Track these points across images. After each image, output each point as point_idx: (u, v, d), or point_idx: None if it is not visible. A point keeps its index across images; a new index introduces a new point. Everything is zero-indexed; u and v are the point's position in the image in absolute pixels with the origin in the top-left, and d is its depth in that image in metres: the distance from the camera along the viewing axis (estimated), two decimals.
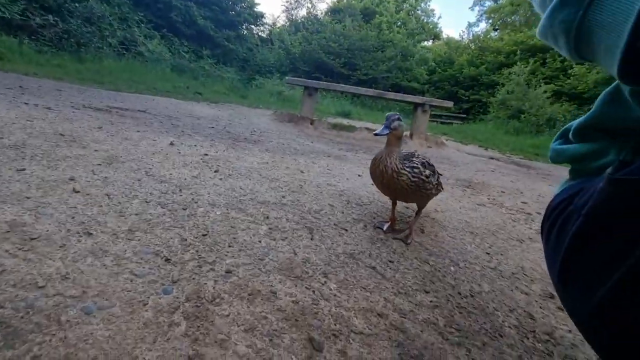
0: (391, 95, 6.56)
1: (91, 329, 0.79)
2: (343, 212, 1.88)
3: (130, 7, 13.29)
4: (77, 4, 10.67)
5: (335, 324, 1.01)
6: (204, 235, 1.33)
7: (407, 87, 19.24)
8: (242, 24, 18.74)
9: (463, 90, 19.22)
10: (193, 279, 1.06)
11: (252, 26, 19.74)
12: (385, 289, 1.25)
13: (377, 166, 1.49)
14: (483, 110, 16.94)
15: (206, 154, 2.54)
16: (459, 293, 1.33)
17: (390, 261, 1.45)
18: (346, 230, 1.66)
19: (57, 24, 9.85)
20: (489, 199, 2.96)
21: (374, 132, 1.44)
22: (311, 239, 1.49)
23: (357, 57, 18.46)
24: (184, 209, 1.51)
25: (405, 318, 1.11)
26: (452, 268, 1.52)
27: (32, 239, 1.07)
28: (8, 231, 1.08)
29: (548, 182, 4.43)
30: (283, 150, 3.37)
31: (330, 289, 1.18)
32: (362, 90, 6.87)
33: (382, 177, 1.48)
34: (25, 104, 3.05)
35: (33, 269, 0.94)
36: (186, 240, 1.27)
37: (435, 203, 2.45)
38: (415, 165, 1.51)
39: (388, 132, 1.44)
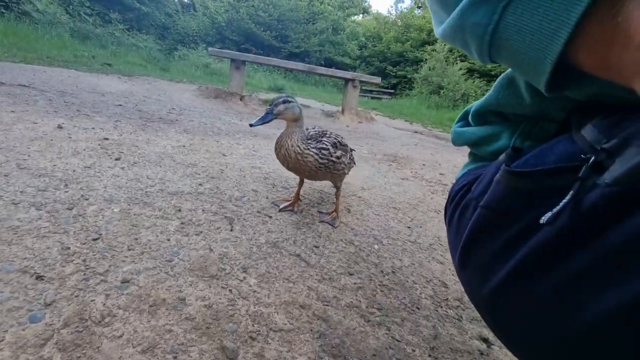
0: (322, 70, 6.46)
1: None
2: (268, 197, 1.78)
3: None
4: None
5: (253, 325, 0.94)
6: (94, 239, 1.12)
7: (339, 62, 19.30)
8: None
9: (391, 66, 20.00)
10: (75, 296, 0.88)
11: None
12: (309, 277, 1.21)
13: (279, 150, 1.40)
14: (409, 86, 17.91)
15: (106, 138, 2.17)
16: (382, 271, 1.36)
17: (315, 246, 1.42)
18: (270, 217, 1.57)
19: None
20: (411, 172, 3.13)
21: (249, 123, 1.30)
22: (231, 231, 1.38)
23: (288, 28, 17.77)
24: (69, 209, 1.25)
25: (328, 305, 1.08)
26: (375, 246, 1.55)
27: None
28: None
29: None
30: (205, 130, 3.09)
31: (250, 285, 1.09)
32: (292, 64, 6.63)
33: (286, 161, 1.40)
34: None
35: None
36: (69, 248, 1.05)
37: (362, 181, 2.49)
38: (324, 146, 1.44)
39: (269, 119, 1.33)
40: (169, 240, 1.22)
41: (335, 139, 1.53)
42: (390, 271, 1.37)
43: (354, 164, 1.75)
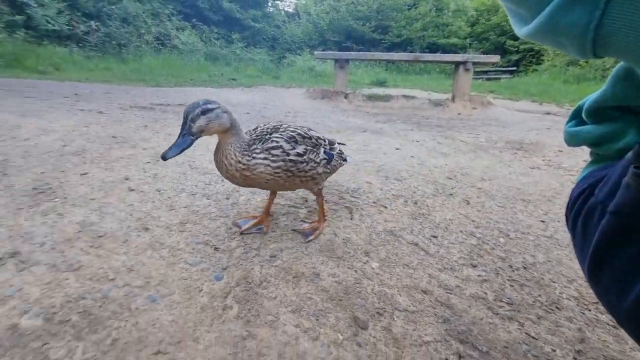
0: (428, 57, 6.15)
1: (157, 315, 0.89)
2: (382, 189, 1.85)
3: (160, 1, 13.67)
4: (113, 6, 11.22)
5: (379, 302, 1.02)
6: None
7: (445, 44, 17.76)
8: (267, 1, 18.43)
9: (512, 39, 17.30)
10: (241, 264, 1.13)
11: (278, 1, 19.36)
12: (429, 265, 1.23)
13: (221, 172, 1.13)
14: (536, 60, 15.21)
15: None
16: (510, 266, 1.27)
17: (433, 236, 1.42)
18: (385, 207, 1.64)
19: (98, 28, 10.50)
20: (543, 160, 2.71)
21: (162, 155, 0.95)
22: (351, 219, 1.50)
23: (388, 17, 17.33)
24: (226, 199, 1.59)
25: (451, 294, 1.09)
26: (501, 240, 1.44)
27: (100, 236, 1.21)
28: (80, 231, 1.23)
29: None
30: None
31: (373, 268, 1.19)
32: (396, 55, 6.51)
33: (233, 178, 1.11)
34: (81, 110, 3.35)
35: (104, 263, 1.07)
36: (231, 228, 1.34)
37: (481, 171, 2.31)
38: (274, 144, 1.12)
39: (189, 143, 0.98)
40: (300, 225, 1.42)
41: (294, 131, 1.19)
42: (521, 266, 1.27)
43: (343, 161, 1.43)
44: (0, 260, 1.03)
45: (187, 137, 0.98)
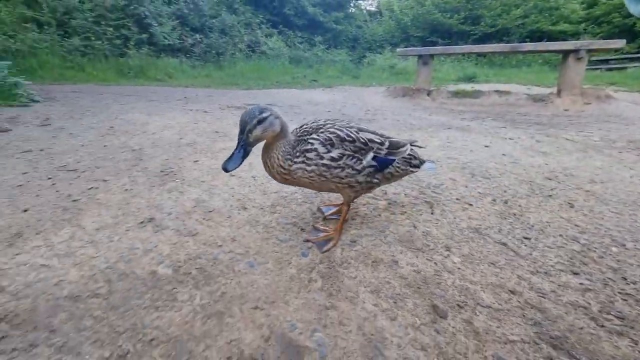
0: (529, 46, 5.47)
1: (255, 278, 1.04)
2: (467, 186, 1.76)
3: (252, 12, 15.02)
4: (213, 20, 12.74)
5: (459, 295, 1.01)
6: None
7: (551, 32, 15.40)
8: (349, 2, 18.68)
9: None
10: None
11: (360, 1, 19.46)
12: (518, 267, 1.15)
13: (265, 168, 1.13)
14: None
15: None
16: (624, 278, 1.10)
17: (525, 238, 1.31)
18: (470, 204, 1.57)
19: (202, 40, 12.04)
20: None
21: (224, 167, 0.98)
22: (431, 214, 1.48)
23: (481, 6, 15.87)
24: None
25: (544, 298, 1.01)
26: (614, 249, 1.25)
27: (209, 211, 1.44)
28: (195, 206, 1.48)
29: None
30: (398, 126, 3.32)
31: (454, 262, 1.16)
32: (489, 47, 5.97)
33: (275, 178, 1.12)
34: (191, 110, 3.93)
35: (213, 232, 1.28)
36: (315, 213, 1.46)
37: (591, 173, 2.01)
38: (309, 147, 1.06)
39: (248, 152, 1.00)
40: (380, 215, 1.46)
41: (333, 132, 1.09)
42: (639, 280, 1.09)
43: (413, 167, 1.29)
44: (142, 223, 1.33)
45: (245, 147, 0.99)
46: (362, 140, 1.12)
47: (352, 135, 1.10)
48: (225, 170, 0.97)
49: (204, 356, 0.80)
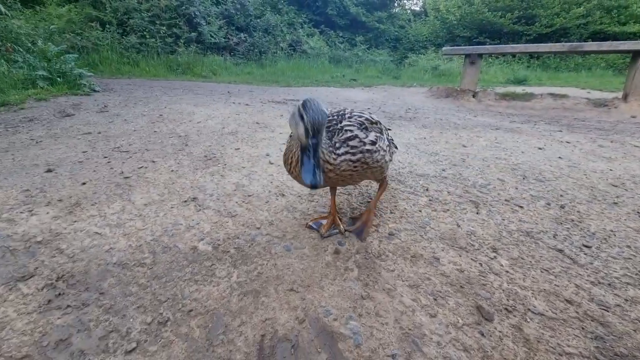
0: (591, 46, 5.00)
1: (291, 261, 1.04)
2: (517, 188, 1.64)
3: (295, 12, 15.26)
4: (258, 20, 13.11)
5: (507, 299, 0.93)
6: (367, 202, 1.47)
7: (616, 33, 13.97)
8: (394, 1, 18.35)
9: None
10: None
11: (405, 1, 19.03)
12: (576, 276, 1.04)
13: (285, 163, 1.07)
14: None
15: None
16: None
17: (586, 246, 1.19)
18: (521, 207, 1.45)
19: (246, 39, 12.43)
20: None
21: (311, 184, 0.85)
22: (477, 213, 1.39)
23: (537, 5, 14.82)
24: None
25: (607, 311, 0.90)
26: None
27: (249, 195, 1.46)
28: (235, 190, 1.52)
29: None
30: (441, 125, 3.18)
31: (501, 265, 1.08)
32: (545, 47, 5.55)
33: (326, 180, 1.01)
34: (233, 103, 4.06)
35: (252, 215, 1.30)
36: (352, 205, 1.43)
37: None
38: (349, 135, 0.98)
39: (318, 160, 0.86)
40: (420, 211, 1.39)
41: (361, 117, 1.06)
42: None
43: (396, 148, 1.35)
44: (186, 202, 1.38)
45: (314, 154, 0.86)
46: (378, 122, 1.15)
47: (374, 118, 1.12)
48: (314, 187, 0.85)
49: (239, 331, 0.80)
